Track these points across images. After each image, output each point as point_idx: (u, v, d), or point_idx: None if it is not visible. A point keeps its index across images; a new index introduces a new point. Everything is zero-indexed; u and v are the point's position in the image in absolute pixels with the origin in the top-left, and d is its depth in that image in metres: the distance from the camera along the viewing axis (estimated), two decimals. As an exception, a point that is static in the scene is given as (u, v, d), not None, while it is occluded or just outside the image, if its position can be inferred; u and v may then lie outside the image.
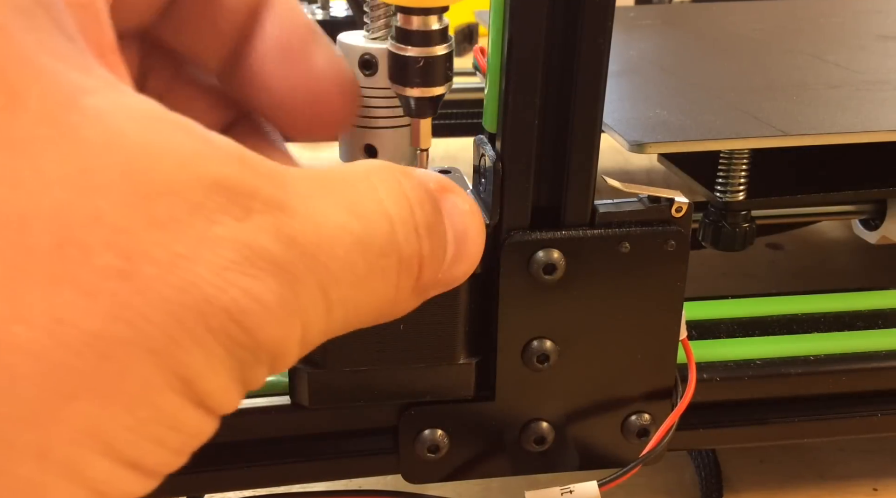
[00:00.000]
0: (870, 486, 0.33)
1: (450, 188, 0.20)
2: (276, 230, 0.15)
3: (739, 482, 0.33)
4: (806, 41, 0.47)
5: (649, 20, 0.54)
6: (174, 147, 0.14)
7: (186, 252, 0.14)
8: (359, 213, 0.17)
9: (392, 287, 0.18)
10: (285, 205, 0.15)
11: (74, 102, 0.14)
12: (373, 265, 0.17)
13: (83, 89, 0.14)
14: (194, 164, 0.14)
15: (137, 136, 0.14)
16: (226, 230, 0.14)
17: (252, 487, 0.26)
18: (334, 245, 0.16)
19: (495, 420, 0.25)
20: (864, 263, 0.49)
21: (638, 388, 0.25)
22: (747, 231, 0.33)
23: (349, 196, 0.17)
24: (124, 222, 0.13)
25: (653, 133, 0.30)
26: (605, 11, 0.21)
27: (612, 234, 0.23)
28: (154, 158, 0.14)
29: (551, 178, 0.23)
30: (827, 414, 0.28)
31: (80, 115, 0.14)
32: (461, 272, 0.20)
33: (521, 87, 0.22)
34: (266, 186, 0.15)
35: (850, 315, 0.30)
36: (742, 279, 0.47)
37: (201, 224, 0.14)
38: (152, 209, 0.14)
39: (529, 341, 0.24)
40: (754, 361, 0.28)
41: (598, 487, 0.23)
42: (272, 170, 0.16)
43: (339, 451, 0.25)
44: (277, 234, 0.15)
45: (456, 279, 0.20)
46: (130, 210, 0.13)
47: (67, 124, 0.13)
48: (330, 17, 0.68)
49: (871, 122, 0.31)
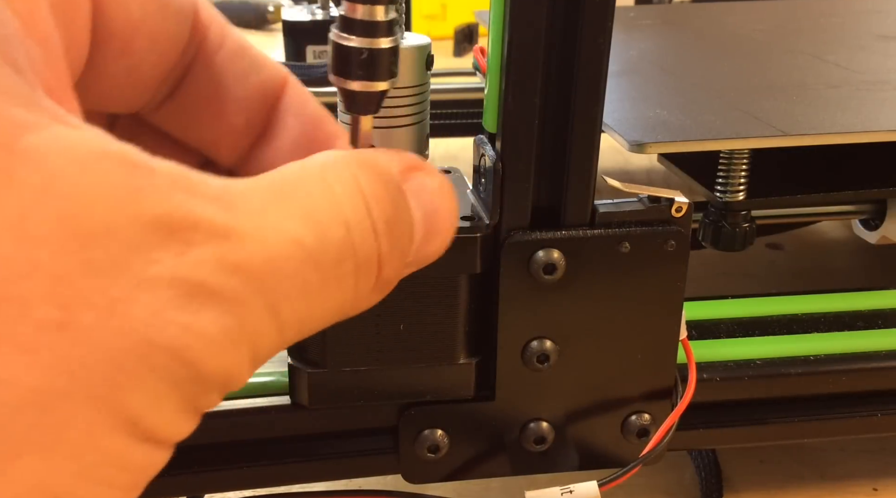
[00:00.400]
0: (870, 486, 0.33)
1: (417, 166, 0.19)
2: (218, 260, 0.15)
3: (739, 482, 0.33)
4: (806, 41, 0.47)
5: (649, 20, 0.54)
6: (112, 186, 0.14)
7: (123, 295, 0.14)
8: (314, 221, 0.16)
9: (350, 291, 0.17)
10: (231, 230, 0.15)
11: (12, 143, 0.14)
12: (327, 275, 0.17)
13: (24, 126, 0.14)
14: (133, 202, 0.14)
15: (75, 178, 0.14)
16: (163, 268, 0.14)
17: (252, 487, 0.26)
18: (284, 263, 0.16)
19: (495, 420, 0.25)
20: (864, 263, 0.49)
21: (638, 388, 0.25)
22: (747, 231, 0.33)
23: (304, 202, 0.17)
24: (61, 271, 0.13)
25: (653, 133, 0.30)
26: (605, 11, 0.21)
27: (612, 234, 0.23)
28: (91, 200, 0.14)
29: (551, 178, 0.23)
30: (827, 414, 0.28)
31: (18, 158, 0.14)
32: (433, 250, 0.20)
33: (521, 87, 0.22)
34: (210, 213, 0.15)
35: (850, 315, 0.30)
36: (742, 279, 0.47)
37: (139, 265, 0.14)
38: (89, 254, 0.14)
39: (529, 341, 0.24)
40: (754, 361, 0.28)
41: (598, 487, 0.23)
42: (219, 192, 0.16)
43: (339, 451, 0.25)
44: (220, 263, 0.15)
45: (428, 258, 0.20)
46: (67, 257, 0.13)
47: (3, 168, 0.13)
48: (330, 17, 0.67)
49: (871, 122, 0.31)
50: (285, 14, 0.68)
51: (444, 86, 0.57)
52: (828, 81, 0.37)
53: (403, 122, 0.24)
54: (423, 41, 0.23)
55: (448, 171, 0.27)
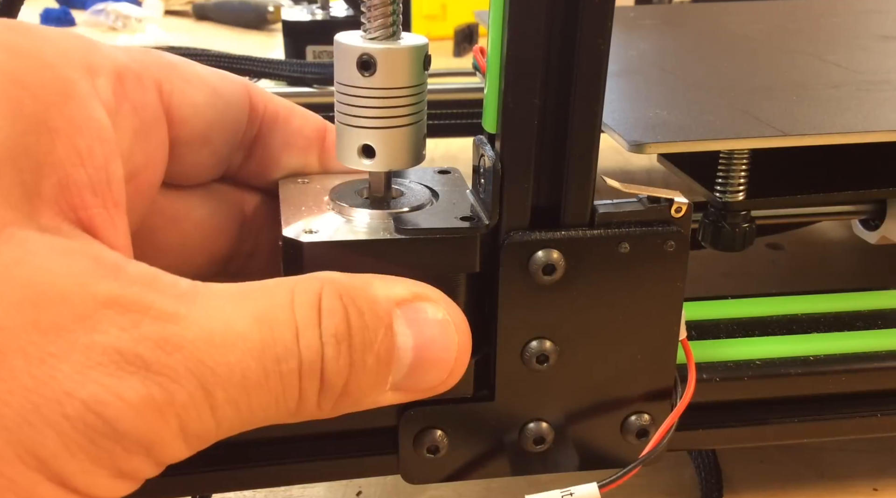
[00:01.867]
0: (870, 486, 0.33)
1: (424, 296, 0.21)
2: (160, 338, 0.17)
3: (739, 482, 0.33)
4: (806, 41, 0.47)
5: (649, 20, 0.54)
6: (79, 271, 0.17)
7: (57, 352, 0.16)
8: (264, 321, 0.18)
9: (294, 391, 0.19)
10: (180, 318, 0.17)
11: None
12: (269, 370, 0.18)
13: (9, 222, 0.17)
14: (93, 284, 0.17)
15: (47, 260, 0.17)
16: (104, 338, 0.16)
17: (252, 487, 0.26)
18: (226, 351, 0.18)
19: (495, 420, 0.25)
20: (864, 263, 0.49)
21: (638, 388, 0.25)
22: (747, 231, 0.33)
23: (261, 305, 0.19)
24: (7, 322, 0.16)
25: (653, 133, 0.30)
26: (605, 12, 0.21)
27: (611, 234, 0.23)
28: (56, 276, 0.16)
29: (551, 178, 0.23)
30: (827, 414, 0.28)
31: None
32: (430, 380, 0.21)
33: (521, 87, 0.22)
34: (165, 303, 0.17)
35: (850, 315, 0.30)
36: (742, 279, 0.47)
37: (82, 332, 0.16)
38: (39, 315, 0.16)
39: (529, 341, 0.24)
40: (754, 361, 0.28)
41: (599, 488, 0.23)
42: (185, 290, 0.18)
43: (339, 451, 0.25)
44: (160, 341, 0.17)
45: (425, 387, 0.21)
46: (17, 314, 0.16)
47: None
48: (330, 17, 0.67)
49: (871, 122, 0.31)
50: (285, 14, 0.68)
51: (443, 86, 0.57)
52: (828, 81, 0.37)
53: (401, 123, 0.24)
54: (421, 41, 0.23)
55: (447, 172, 0.27)
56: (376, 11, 0.22)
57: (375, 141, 0.23)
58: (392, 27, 0.23)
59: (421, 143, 0.24)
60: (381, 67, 0.22)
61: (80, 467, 0.17)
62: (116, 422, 0.17)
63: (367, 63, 0.22)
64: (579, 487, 0.23)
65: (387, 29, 0.22)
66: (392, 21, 0.23)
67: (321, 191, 0.26)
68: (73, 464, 0.16)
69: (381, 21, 0.22)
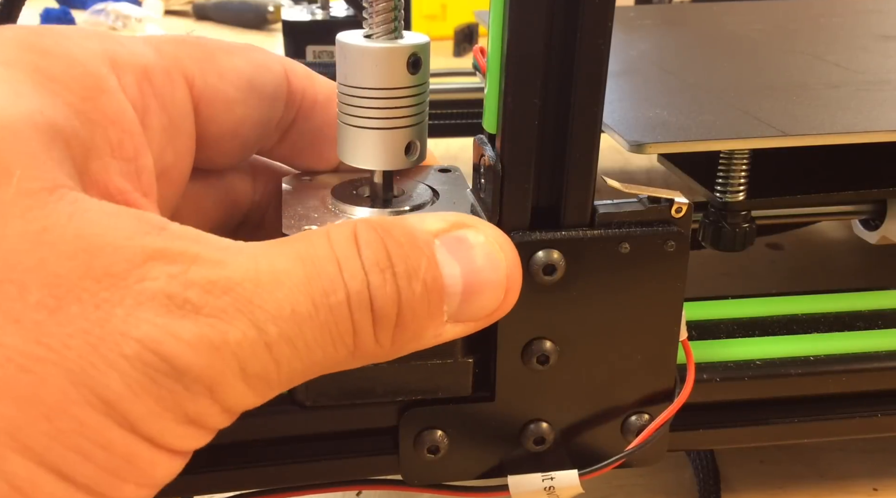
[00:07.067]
0: (870, 486, 0.33)
1: (460, 224, 0.21)
2: (208, 282, 0.17)
3: (739, 482, 0.33)
4: (806, 41, 0.47)
5: (649, 20, 0.54)
6: (127, 226, 0.18)
7: (110, 297, 0.17)
8: (306, 259, 0.19)
9: (347, 324, 0.19)
10: (226, 263, 0.18)
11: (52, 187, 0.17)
12: (318, 303, 0.18)
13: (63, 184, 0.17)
14: (141, 238, 0.17)
15: (98, 216, 0.17)
16: (155, 284, 0.17)
17: (252, 487, 0.26)
18: (273, 288, 0.18)
19: (495, 421, 0.25)
20: (864, 263, 0.49)
21: (638, 388, 0.25)
22: (747, 231, 0.33)
23: (301, 248, 0.19)
24: (63, 270, 0.16)
25: (653, 133, 0.30)
26: (605, 12, 0.21)
27: (611, 234, 0.23)
28: (106, 229, 0.17)
29: (551, 178, 0.23)
30: (827, 414, 0.28)
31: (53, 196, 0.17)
32: (484, 306, 0.21)
33: (521, 87, 0.22)
34: (209, 253, 0.18)
35: (850, 315, 0.30)
36: (742, 279, 0.47)
37: (133, 279, 0.17)
38: (92, 264, 0.17)
39: (529, 342, 0.24)
40: (754, 361, 0.28)
41: (579, 475, 0.24)
42: (227, 244, 0.19)
43: (339, 451, 0.25)
44: (208, 285, 0.17)
45: (487, 315, 0.21)
46: (71, 262, 0.16)
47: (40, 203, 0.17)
48: (330, 17, 0.67)
49: (871, 122, 0.31)
50: (285, 14, 0.68)
51: (444, 86, 0.57)
52: (828, 81, 0.37)
53: (400, 123, 0.24)
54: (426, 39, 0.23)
55: (448, 170, 0.27)
56: (379, 7, 0.23)
57: (417, 137, 0.24)
58: (394, 22, 0.23)
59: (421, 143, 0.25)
60: (424, 64, 0.23)
61: (146, 410, 0.17)
62: (174, 359, 0.17)
63: (417, 62, 0.23)
64: (560, 473, 0.23)
65: (389, 26, 0.23)
66: (394, 16, 0.23)
67: (324, 190, 0.26)
68: (138, 406, 0.17)
69: (384, 19, 0.23)
